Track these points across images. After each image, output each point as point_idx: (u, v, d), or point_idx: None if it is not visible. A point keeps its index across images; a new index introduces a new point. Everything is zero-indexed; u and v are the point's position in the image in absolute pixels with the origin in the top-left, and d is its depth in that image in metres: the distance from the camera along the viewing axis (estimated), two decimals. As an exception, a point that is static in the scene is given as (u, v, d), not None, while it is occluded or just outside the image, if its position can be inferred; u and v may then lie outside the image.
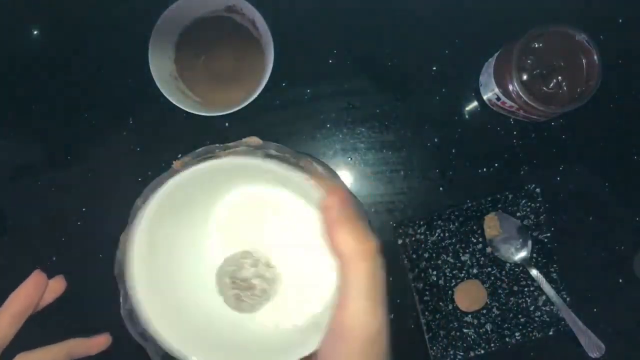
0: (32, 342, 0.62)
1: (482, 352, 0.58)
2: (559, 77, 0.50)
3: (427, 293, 0.58)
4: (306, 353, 0.28)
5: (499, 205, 0.58)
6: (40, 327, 0.62)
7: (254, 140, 0.52)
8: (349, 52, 0.61)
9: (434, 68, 0.60)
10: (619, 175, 0.60)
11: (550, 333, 0.58)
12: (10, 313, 0.42)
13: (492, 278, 0.58)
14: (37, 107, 0.62)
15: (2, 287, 0.61)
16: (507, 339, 0.58)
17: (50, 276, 0.61)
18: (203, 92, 0.60)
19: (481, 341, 0.58)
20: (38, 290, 0.44)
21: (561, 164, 0.60)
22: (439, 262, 0.58)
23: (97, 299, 0.61)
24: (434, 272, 0.58)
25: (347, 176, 0.61)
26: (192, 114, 0.57)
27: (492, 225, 0.58)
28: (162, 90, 0.56)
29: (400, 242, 0.59)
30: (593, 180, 0.60)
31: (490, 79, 0.54)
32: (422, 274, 0.58)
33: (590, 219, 0.60)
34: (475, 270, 0.58)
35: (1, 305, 0.41)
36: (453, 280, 0.58)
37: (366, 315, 0.25)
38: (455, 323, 0.58)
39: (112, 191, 0.61)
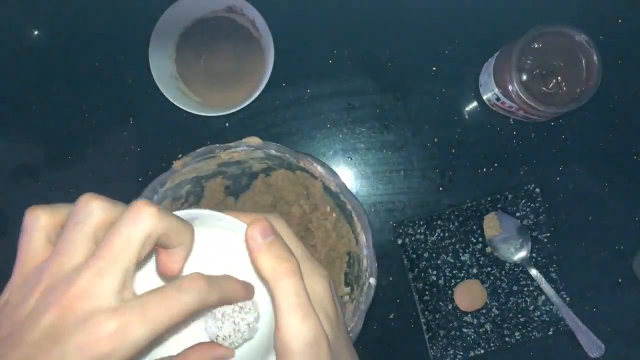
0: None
1: (482, 351, 0.58)
2: (559, 78, 0.50)
3: (427, 293, 0.58)
4: None
5: (499, 205, 0.58)
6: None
7: (254, 140, 0.52)
8: (349, 52, 0.61)
9: (434, 68, 0.60)
10: (619, 175, 0.60)
11: (550, 333, 0.58)
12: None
13: (492, 278, 0.58)
14: (37, 107, 0.62)
15: (2, 288, 0.62)
16: (506, 339, 0.58)
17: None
18: (203, 92, 0.60)
19: (481, 341, 0.58)
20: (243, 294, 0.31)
21: (561, 164, 0.60)
22: (439, 262, 0.59)
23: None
24: (434, 272, 0.58)
25: (347, 176, 0.61)
26: (192, 114, 0.57)
27: (491, 225, 0.58)
28: (162, 90, 0.56)
29: (400, 242, 0.59)
30: (593, 180, 0.60)
31: (490, 79, 0.54)
32: (422, 274, 0.58)
33: (590, 219, 0.60)
34: (475, 270, 0.58)
35: None
36: (453, 280, 0.58)
37: (297, 328, 0.27)
38: (455, 323, 0.58)
39: (112, 191, 0.61)
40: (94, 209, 0.27)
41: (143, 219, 0.26)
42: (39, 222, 0.28)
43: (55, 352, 0.23)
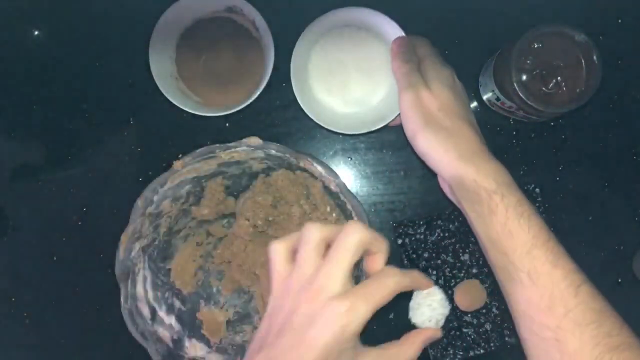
0: (32, 341, 0.62)
1: (482, 351, 0.58)
2: (559, 78, 0.50)
3: (427, 293, 0.58)
4: (391, 118, 0.54)
5: (499, 205, 0.58)
6: (40, 326, 0.63)
7: (255, 140, 0.52)
8: (349, 52, 0.60)
9: (434, 68, 0.60)
10: (619, 175, 0.60)
11: (550, 333, 0.58)
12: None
13: (492, 277, 0.58)
14: (38, 107, 0.62)
15: (2, 287, 0.62)
16: (506, 339, 0.58)
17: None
18: (203, 92, 0.60)
19: (481, 340, 0.58)
20: None
21: (561, 164, 0.60)
22: (439, 262, 0.59)
23: (97, 299, 0.61)
24: (434, 272, 0.58)
25: (347, 176, 0.61)
26: (192, 114, 0.57)
27: (492, 225, 0.58)
28: (162, 90, 0.56)
29: (400, 242, 0.59)
30: (593, 180, 0.60)
31: (490, 79, 0.55)
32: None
33: (590, 219, 0.60)
34: (474, 270, 0.58)
35: None
36: (453, 280, 0.58)
37: (401, 95, 0.49)
38: (454, 322, 0.58)
39: (112, 191, 0.61)
40: (314, 232, 0.37)
41: (356, 233, 0.36)
42: (280, 253, 0.39)
43: (312, 331, 0.35)
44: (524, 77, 0.51)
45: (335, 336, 0.34)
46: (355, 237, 0.36)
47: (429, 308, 0.41)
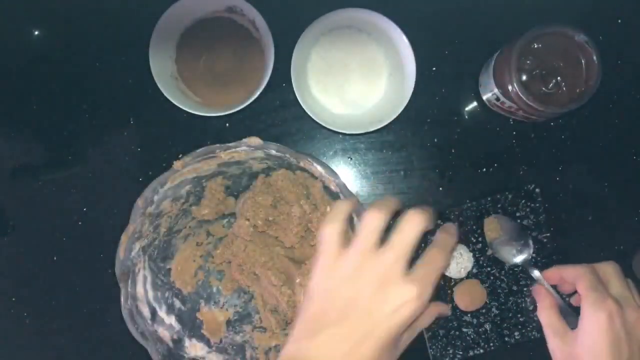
0: (32, 341, 0.62)
1: (482, 351, 0.58)
2: (559, 78, 0.50)
3: (427, 293, 0.58)
4: (388, 121, 0.55)
5: (499, 206, 0.58)
6: (41, 326, 0.63)
7: (255, 140, 0.52)
8: (349, 52, 0.60)
9: (434, 68, 0.60)
10: (619, 175, 0.60)
11: (550, 333, 0.58)
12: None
13: (492, 277, 0.58)
14: (38, 107, 0.62)
15: (2, 287, 0.62)
16: (506, 339, 0.58)
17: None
18: (203, 92, 0.60)
19: (480, 340, 0.58)
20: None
21: (561, 164, 0.60)
22: (439, 262, 0.58)
23: (97, 298, 0.61)
24: (434, 272, 0.58)
25: (347, 176, 0.61)
26: (192, 114, 0.57)
27: (492, 227, 0.58)
28: (163, 90, 0.56)
29: (400, 242, 0.59)
30: (593, 180, 0.60)
31: (490, 79, 0.55)
32: (422, 274, 0.58)
33: (590, 219, 0.60)
34: (474, 270, 0.58)
35: None
36: (453, 280, 0.58)
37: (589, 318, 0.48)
38: (454, 322, 0.58)
39: (112, 191, 0.61)
40: (378, 221, 0.39)
41: (421, 224, 0.39)
42: (334, 239, 0.40)
43: (381, 314, 0.38)
44: (524, 77, 0.51)
45: (409, 318, 0.38)
46: (419, 228, 0.39)
47: (460, 259, 0.56)
